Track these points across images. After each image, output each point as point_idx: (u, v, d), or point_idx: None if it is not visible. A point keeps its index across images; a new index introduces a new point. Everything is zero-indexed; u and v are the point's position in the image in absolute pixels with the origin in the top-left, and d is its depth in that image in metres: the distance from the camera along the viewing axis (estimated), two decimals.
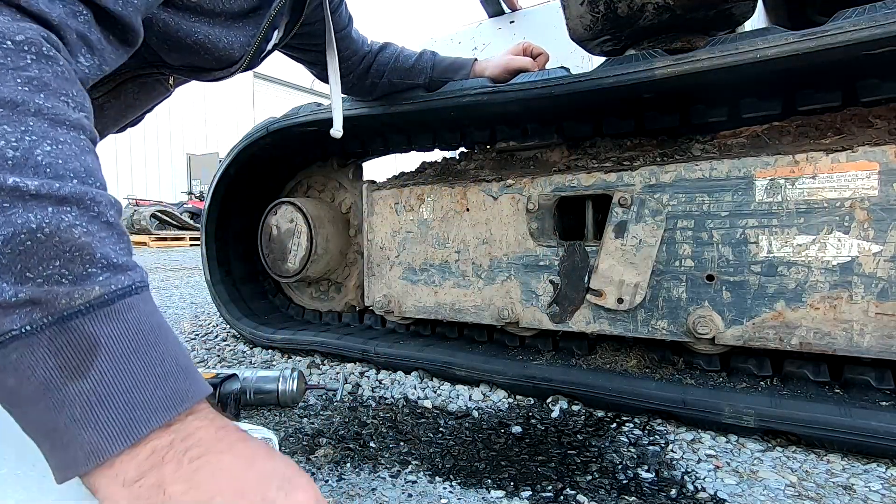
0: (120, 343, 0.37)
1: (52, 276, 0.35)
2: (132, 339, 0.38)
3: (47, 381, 0.35)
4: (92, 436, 0.36)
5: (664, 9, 1.10)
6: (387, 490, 0.82)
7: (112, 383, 0.36)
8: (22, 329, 0.34)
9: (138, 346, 0.38)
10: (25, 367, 0.35)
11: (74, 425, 0.35)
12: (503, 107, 1.24)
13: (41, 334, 0.35)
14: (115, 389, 0.36)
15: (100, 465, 0.36)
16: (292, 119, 1.53)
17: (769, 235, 0.99)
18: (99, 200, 0.39)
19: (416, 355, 1.38)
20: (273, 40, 0.87)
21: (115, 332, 0.37)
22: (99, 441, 0.36)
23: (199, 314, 2.48)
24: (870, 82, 1.00)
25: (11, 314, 0.34)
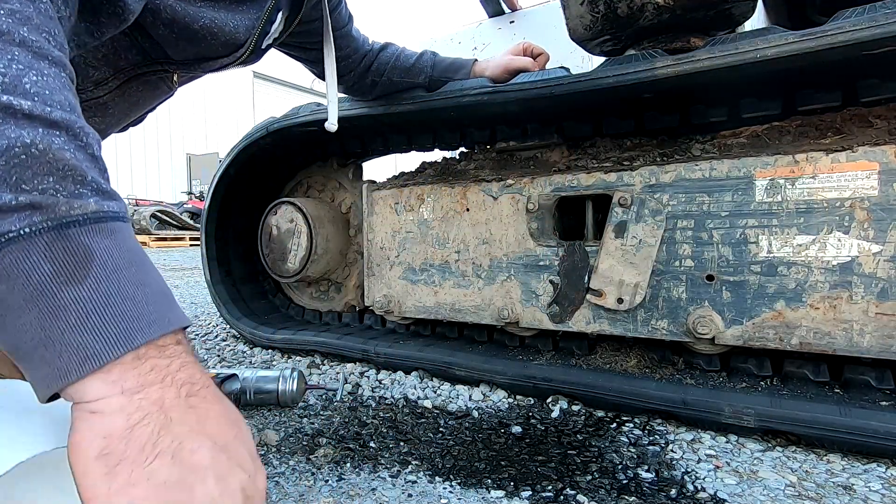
0: (113, 258, 0.37)
1: (48, 191, 0.35)
2: (124, 256, 0.38)
3: (42, 287, 0.34)
4: (89, 340, 0.35)
5: (664, 9, 1.10)
6: (387, 490, 0.82)
7: (107, 293, 0.36)
8: (21, 231, 0.34)
9: (130, 265, 0.38)
10: (19, 272, 0.34)
11: (70, 331, 0.35)
12: (503, 107, 1.24)
13: (39, 238, 0.34)
14: (111, 300, 0.36)
15: (96, 370, 0.35)
16: (292, 119, 1.53)
17: (769, 235, 0.99)
18: (87, 132, 0.39)
19: (416, 355, 1.38)
20: (273, 33, 0.87)
21: (109, 247, 0.37)
22: (96, 345, 0.35)
23: (199, 314, 2.48)
24: (870, 82, 1.00)
25: (10, 216, 0.34)
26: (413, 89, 1.34)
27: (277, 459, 0.92)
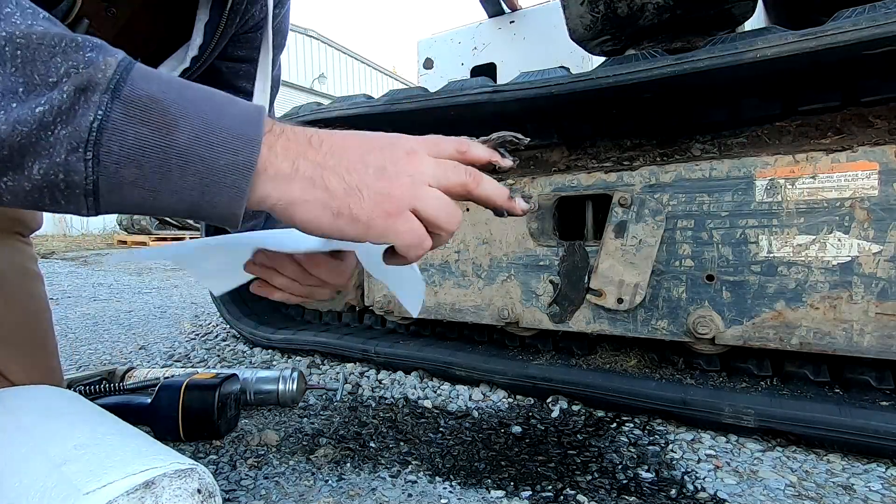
0: (169, 89, 0.36)
1: (70, 71, 0.33)
2: (172, 85, 0.37)
3: (161, 151, 0.35)
4: (229, 156, 0.36)
5: (664, 9, 1.10)
6: (387, 490, 0.82)
7: (203, 117, 0.36)
8: (97, 115, 0.33)
9: (183, 89, 0.37)
10: (133, 149, 0.34)
11: (209, 161, 0.36)
12: (503, 106, 1.24)
13: (115, 113, 0.34)
14: (210, 119, 0.36)
15: (253, 172, 0.37)
16: (292, 119, 1.53)
17: (769, 235, 0.99)
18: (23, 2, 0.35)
19: (416, 355, 1.38)
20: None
21: (156, 84, 0.36)
22: (237, 157, 0.36)
23: (199, 314, 2.48)
24: (870, 82, 1.00)
25: (77, 112, 0.33)
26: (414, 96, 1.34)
27: (277, 459, 0.93)
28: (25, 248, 0.83)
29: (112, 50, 0.36)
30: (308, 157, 0.39)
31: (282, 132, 0.39)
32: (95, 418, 0.58)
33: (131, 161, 0.34)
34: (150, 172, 0.35)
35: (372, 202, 0.39)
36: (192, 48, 0.67)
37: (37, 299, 0.81)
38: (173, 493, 0.45)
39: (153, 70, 0.37)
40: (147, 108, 0.35)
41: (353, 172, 0.39)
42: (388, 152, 0.41)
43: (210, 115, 0.37)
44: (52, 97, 0.32)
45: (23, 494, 0.45)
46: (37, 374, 0.74)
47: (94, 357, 1.72)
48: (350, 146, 0.40)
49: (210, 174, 0.36)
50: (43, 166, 0.33)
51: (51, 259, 5.89)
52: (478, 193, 0.47)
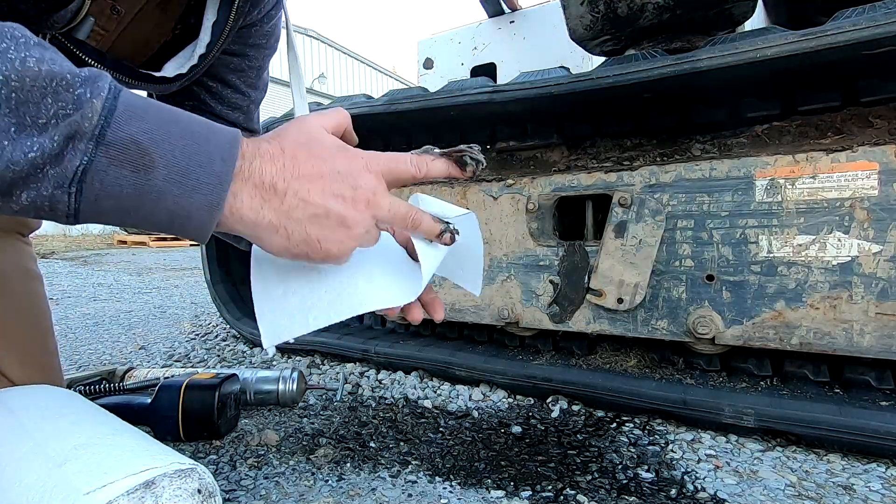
0: (150, 129, 0.39)
1: (59, 114, 0.36)
2: (154, 123, 0.39)
3: (137, 188, 0.38)
4: (199, 197, 0.40)
5: (664, 9, 1.10)
6: (387, 490, 0.82)
7: (179, 159, 0.39)
8: (82, 161, 0.36)
9: (164, 125, 0.40)
10: (114, 189, 0.38)
11: (180, 199, 0.39)
12: (503, 106, 1.24)
13: (98, 159, 0.37)
14: (185, 162, 0.39)
15: (220, 213, 0.41)
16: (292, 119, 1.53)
17: (769, 235, 0.99)
18: (14, 27, 0.37)
19: (416, 355, 1.38)
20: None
21: (137, 125, 0.38)
22: (207, 198, 0.40)
23: (199, 314, 2.48)
24: (870, 82, 1.00)
25: (64, 158, 0.36)
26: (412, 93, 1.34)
27: (277, 459, 0.93)
28: (26, 248, 0.83)
29: (100, 84, 0.38)
30: (272, 206, 0.43)
31: (249, 176, 0.42)
32: (96, 418, 0.58)
33: (110, 195, 0.38)
34: (127, 204, 0.39)
35: (327, 249, 0.45)
36: (200, 46, 0.68)
37: (37, 299, 0.81)
38: (173, 493, 0.45)
39: (138, 103, 0.39)
40: (127, 149, 0.38)
41: (315, 224, 0.44)
42: (350, 201, 0.45)
43: (186, 157, 0.40)
44: (44, 143, 0.35)
45: (23, 494, 0.45)
46: (37, 374, 0.74)
47: (94, 357, 1.72)
48: (314, 192, 0.44)
49: (179, 210, 0.40)
50: (30, 196, 0.36)
51: (51, 259, 5.89)
52: (414, 230, 0.51)
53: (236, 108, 0.84)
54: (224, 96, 0.81)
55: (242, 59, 0.80)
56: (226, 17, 0.68)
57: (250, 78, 0.84)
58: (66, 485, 0.43)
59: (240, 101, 0.84)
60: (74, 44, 0.59)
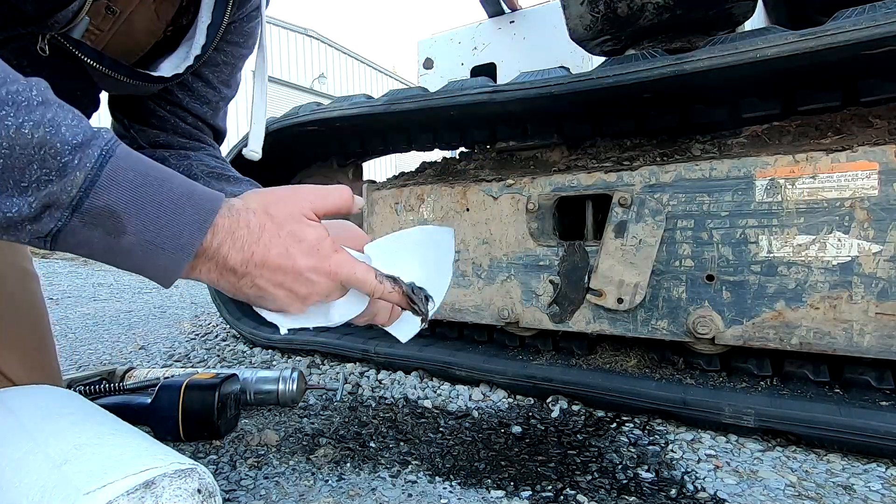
0: (128, 197, 0.42)
1: (42, 179, 0.39)
2: (135, 188, 0.42)
3: (106, 245, 0.43)
4: (164, 258, 0.44)
5: (664, 9, 1.10)
6: (387, 490, 0.82)
7: (151, 228, 0.43)
8: (56, 225, 0.40)
9: (143, 190, 0.43)
10: (84, 243, 0.42)
11: (145, 258, 0.44)
12: (503, 106, 1.24)
13: (72, 223, 0.41)
14: (156, 231, 0.43)
15: (181, 273, 0.45)
16: (292, 119, 1.53)
17: (769, 235, 0.99)
18: (21, 88, 0.39)
19: (416, 355, 1.38)
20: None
21: (116, 193, 0.41)
22: (170, 260, 0.44)
23: (199, 314, 2.48)
24: (870, 82, 1.00)
25: (41, 220, 0.40)
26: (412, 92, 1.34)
27: (277, 459, 0.93)
28: (21, 248, 0.83)
29: (90, 152, 0.41)
30: (227, 280, 0.49)
31: (212, 256, 0.47)
32: (96, 418, 0.58)
33: (82, 246, 0.43)
34: (97, 254, 0.43)
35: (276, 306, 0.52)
36: (196, 48, 0.69)
37: (35, 299, 0.81)
38: (173, 493, 0.45)
39: (123, 170, 0.42)
40: (101, 216, 0.41)
41: (262, 300, 0.52)
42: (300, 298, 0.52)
43: (156, 228, 0.43)
44: (22, 207, 0.39)
45: (23, 494, 0.45)
46: (37, 374, 0.74)
47: (94, 357, 1.72)
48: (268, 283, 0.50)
49: (145, 266, 0.45)
50: (10, 237, 0.41)
51: (51, 259, 5.88)
52: None
53: (205, 103, 0.84)
54: (195, 89, 0.82)
55: (218, 54, 0.81)
56: (220, 19, 0.70)
57: (223, 75, 0.84)
58: (66, 485, 0.43)
59: (210, 97, 0.84)
60: (73, 44, 0.60)
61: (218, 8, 0.69)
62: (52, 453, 0.48)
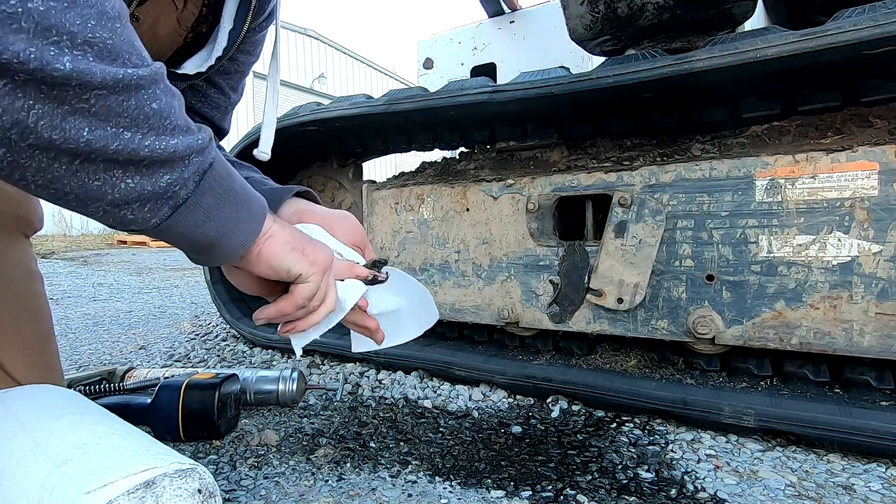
0: (231, 172, 0.52)
1: (191, 121, 0.47)
2: (232, 170, 0.53)
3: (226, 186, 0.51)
4: (256, 203, 0.54)
5: (664, 9, 1.10)
6: (387, 490, 0.82)
7: (239, 177, 0.53)
8: (213, 156, 0.49)
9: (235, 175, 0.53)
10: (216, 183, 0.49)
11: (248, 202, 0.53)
12: (503, 106, 1.24)
13: (217, 157, 0.50)
14: (242, 179, 0.53)
15: (266, 215, 0.55)
16: (292, 119, 1.53)
17: (769, 235, 0.99)
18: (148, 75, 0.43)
19: (416, 355, 1.38)
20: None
21: (224, 167, 0.51)
22: (260, 204, 0.55)
23: (199, 314, 2.48)
24: (870, 82, 1.00)
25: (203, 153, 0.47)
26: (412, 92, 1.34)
27: (277, 459, 0.93)
28: (28, 249, 0.83)
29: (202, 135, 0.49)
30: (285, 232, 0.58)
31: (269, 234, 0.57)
32: (96, 418, 0.58)
33: (212, 190, 0.49)
34: (217, 202, 0.50)
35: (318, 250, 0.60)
36: (218, 49, 0.73)
37: (39, 300, 0.81)
38: (174, 492, 0.45)
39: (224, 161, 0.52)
40: (223, 161, 0.51)
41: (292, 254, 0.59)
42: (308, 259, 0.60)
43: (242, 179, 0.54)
44: (201, 137, 0.47)
45: (23, 494, 0.45)
46: (40, 374, 0.75)
47: (94, 357, 1.72)
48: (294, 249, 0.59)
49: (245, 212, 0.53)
50: (173, 177, 0.45)
51: (51, 259, 5.89)
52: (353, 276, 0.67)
53: (215, 108, 0.88)
54: (207, 95, 0.85)
55: (231, 63, 0.84)
56: (241, 24, 0.74)
57: (234, 81, 0.88)
58: (67, 484, 0.43)
59: (220, 102, 0.88)
60: None
61: (239, 15, 0.73)
62: (52, 453, 0.48)
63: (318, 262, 0.59)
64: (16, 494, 0.45)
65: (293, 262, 0.57)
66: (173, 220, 0.47)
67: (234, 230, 0.52)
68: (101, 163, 0.40)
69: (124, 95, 0.40)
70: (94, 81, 0.37)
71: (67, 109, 0.37)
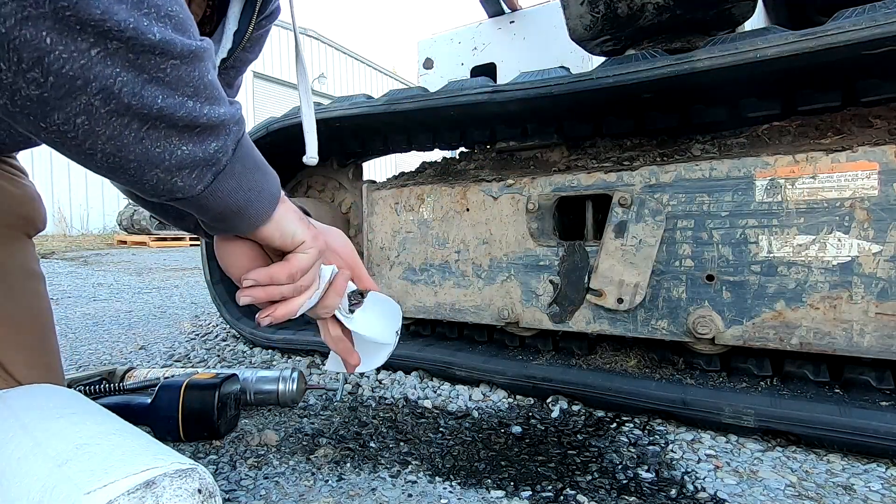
0: (252, 148, 0.54)
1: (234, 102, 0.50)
2: (252, 144, 0.54)
3: (252, 156, 0.53)
4: (272, 175, 0.56)
5: (664, 9, 1.10)
6: (387, 490, 0.82)
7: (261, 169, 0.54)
8: (244, 128, 0.51)
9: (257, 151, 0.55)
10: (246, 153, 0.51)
11: (266, 174, 0.55)
12: (503, 106, 1.24)
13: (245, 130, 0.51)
14: (266, 167, 0.56)
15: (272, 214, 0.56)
16: (292, 119, 1.53)
17: (769, 235, 0.99)
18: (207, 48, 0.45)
19: (416, 355, 1.38)
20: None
21: (249, 141, 0.53)
22: (275, 177, 0.57)
23: (199, 314, 2.48)
24: (870, 82, 1.00)
25: (239, 120, 0.50)
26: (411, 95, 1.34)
27: (277, 459, 0.93)
28: (31, 249, 0.83)
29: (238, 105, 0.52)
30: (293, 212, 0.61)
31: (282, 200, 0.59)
32: (96, 418, 0.58)
33: (243, 159, 0.51)
34: (246, 170, 0.52)
35: None
36: (222, 52, 0.74)
37: (41, 300, 0.81)
38: (174, 492, 0.45)
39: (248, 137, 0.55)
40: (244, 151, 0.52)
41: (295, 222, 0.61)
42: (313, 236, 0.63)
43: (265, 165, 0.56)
44: (237, 108, 0.50)
45: (23, 494, 0.45)
46: (41, 374, 0.75)
47: (94, 357, 1.72)
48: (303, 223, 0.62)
49: (266, 182, 0.55)
50: (215, 145, 0.47)
51: (51, 259, 5.89)
52: None
53: None
54: None
55: (227, 60, 0.85)
56: (246, 26, 0.75)
57: (229, 77, 0.88)
58: (67, 484, 0.43)
59: None
60: None
61: (244, 16, 0.74)
62: (52, 453, 0.48)
63: (318, 238, 0.61)
64: (16, 494, 0.45)
65: (299, 229, 0.59)
66: (214, 187, 0.49)
67: (260, 197, 0.54)
68: (164, 129, 0.42)
69: (193, 66, 0.42)
70: (174, 51, 0.40)
71: (146, 77, 0.39)
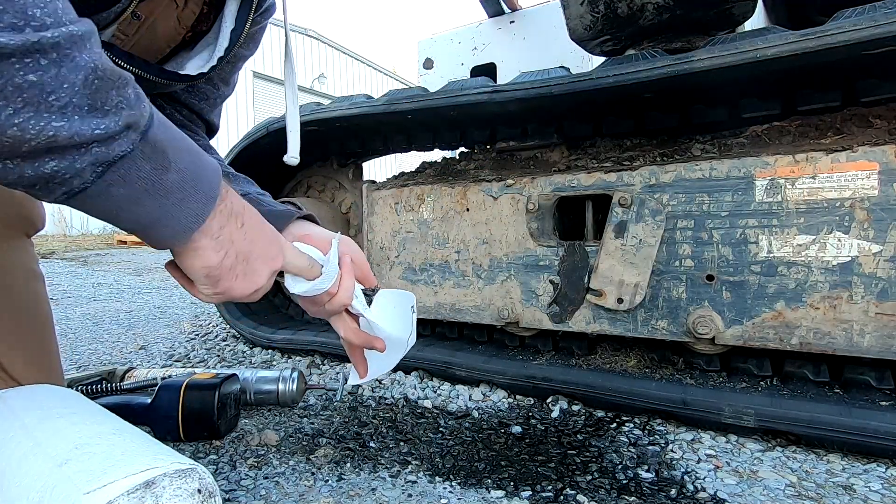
0: (173, 137, 0.47)
1: (119, 104, 0.41)
2: (175, 133, 0.48)
3: (151, 180, 0.44)
4: (194, 204, 0.48)
5: (664, 9, 1.10)
6: (387, 490, 0.82)
7: (186, 169, 0.47)
8: (126, 149, 0.42)
9: (181, 142, 0.48)
10: (133, 176, 0.43)
11: (181, 202, 0.47)
12: (503, 106, 1.24)
13: (138, 149, 0.43)
14: (191, 173, 0.47)
15: (201, 225, 0.49)
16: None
17: (769, 235, 0.99)
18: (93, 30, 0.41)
19: (416, 355, 1.38)
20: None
21: (164, 132, 0.46)
22: (198, 206, 0.48)
23: (199, 314, 2.48)
24: (870, 82, 1.00)
25: (115, 141, 0.41)
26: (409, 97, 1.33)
27: (277, 459, 0.93)
28: (30, 249, 0.83)
29: (140, 92, 0.44)
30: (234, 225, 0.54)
31: (223, 208, 0.52)
32: (96, 418, 0.58)
33: (124, 184, 0.43)
34: (134, 195, 0.44)
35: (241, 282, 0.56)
36: (219, 50, 0.73)
37: (40, 300, 0.81)
38: (174, 492, 0.45)
39: (163, 117, 0.47)
40: (156, 149, 0.44)
41: (247, 262, 0.55)
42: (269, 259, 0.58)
43: (193, 170, 0.48)
44: (108, 125, 0.40)
45: (23, 494, 0.45)
46: (40, 374, 0.75)
47: (94, 357, 1.72)
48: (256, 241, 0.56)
49: (173, 212, 0.47)
50: (58, 165, 0.39)
51: (51, 259, 5.89)
52: None
53: (203, 99, 0.87)
54: (195, 84, 0.83)
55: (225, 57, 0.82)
56: (242, 25, 0.74)
57: (224, 73, 0.87)
58: (67, 484, 0.43)
59: (209, 93, 0.87)
60: (104, 46, 0.60)
61: (241, 14, 0.73)
62: (52, 453, 0.48)
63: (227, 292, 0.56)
64: (16, 494, 0.45)
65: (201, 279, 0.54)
66: (74, 203, 0.43)
67: (159, 223, 0.47)
68: None
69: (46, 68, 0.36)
70: None
71: None
